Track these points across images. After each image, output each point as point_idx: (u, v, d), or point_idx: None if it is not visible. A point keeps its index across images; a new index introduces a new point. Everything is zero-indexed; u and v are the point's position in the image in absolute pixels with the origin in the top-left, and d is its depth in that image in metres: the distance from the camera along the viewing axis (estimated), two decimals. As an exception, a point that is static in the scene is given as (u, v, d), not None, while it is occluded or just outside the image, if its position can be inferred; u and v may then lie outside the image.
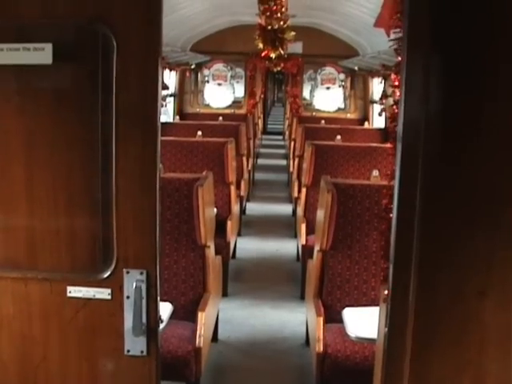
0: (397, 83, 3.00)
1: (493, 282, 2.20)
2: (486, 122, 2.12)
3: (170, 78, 12.12)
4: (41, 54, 2.43)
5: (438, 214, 2.18)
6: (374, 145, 8.18)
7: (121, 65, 2.42)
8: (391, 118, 2.98)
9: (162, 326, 2.75)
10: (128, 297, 2.55)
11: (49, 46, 2.43)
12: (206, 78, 14.76)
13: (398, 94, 2.55)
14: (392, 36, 2.86)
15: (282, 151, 18.39)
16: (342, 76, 14.45)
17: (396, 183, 2.25)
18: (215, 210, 6.09)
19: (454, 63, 2.11)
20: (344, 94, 14.54)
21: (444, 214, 2.18)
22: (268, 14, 9.40)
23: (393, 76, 3.10)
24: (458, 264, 2.20)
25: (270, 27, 10.23)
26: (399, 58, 2.58)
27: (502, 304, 2.21)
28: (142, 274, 2.53)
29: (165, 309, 3.93)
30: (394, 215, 2.27)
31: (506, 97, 2.11)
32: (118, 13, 2.39)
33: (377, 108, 12.00)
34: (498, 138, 2.12)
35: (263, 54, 11.45)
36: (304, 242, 6.98)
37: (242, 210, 9.89)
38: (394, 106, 2.92)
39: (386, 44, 3.20)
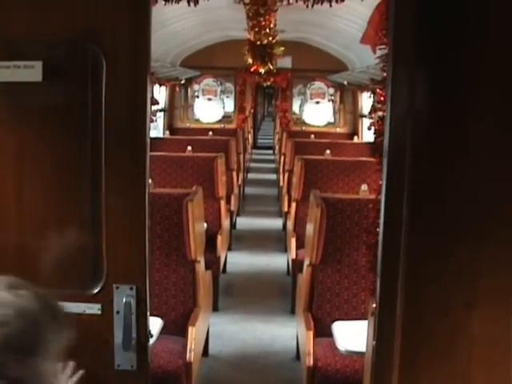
0: (382, 98, 3.03)
1: (480, 294, 2.21)
2: (470, 136, 2.15)
3: (160, 93, 12.14)
4: (31, 72, 2.45)
5: (424, 227, 2.20)
6: (364, 159, 8.20)
7: (110, 81, 2.44)
8: (377, 133, 3.00)
9: (152, 340, 2.76)
10: (118, 312, 2.56)
11: (39, 64, 2.45)
12: (196, 93, 14.79)
13: (383, 109, 2.58)
14: (378, 53, 2.89)
15: (272, 165, 18.40)
16: (331, 90, 14.49)
17: (382, 197, 2.27)
18: (205, 224, 6.10)
19: (439, 79, 2.14)
20: (333, 108, 14.58)
21: (430, 227, 2.20)
22: (257, 29, 9.43)
23: (378, 91, 3.13)
24: (445, 277, 2.21)
25: (259, 42, 10.27)
26: (385, 74, 2.61)
27: (490, 316, 2.23)
28: (131, 289, 2.54)
29: (155, 324, 3.93)
30: (380, 229, 2.29)
31: (490, 110, 2.14)
32: (107, 30, 2.42)
33: (366, 122, 12.04)
34: (483, 153, 2.15)
35: (252, 69, 11.50)
36: (294, 256, 6.99)
37: (233, 225, 9.89)
38: (380, 121, 2.94)
39: (374, 59, 3.23)
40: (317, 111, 14.59)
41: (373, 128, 3.35)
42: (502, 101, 2.13)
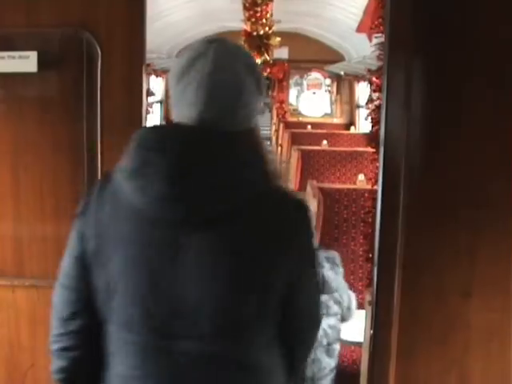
0: (378, 87, 3.02)
1: (477, 283, 2.22)
2: (465, 125, 2.15)
3: (157, 85, 12.10)
4: (26, 62, 2.44)
5: (420, 216, 2.20)
6: (360, 149, 8.18)
7: (105, 72, 2.43)
8: (374, 123, 3.00)
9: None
10: (115, 303, 2.55)
11: (34, 54, 2.44)
12: (193, 85, 14.73)
13: (380, 98, 2.58)
14: (374, 41, 2.88)
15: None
16: (327, 81, 14.45)
17: (379, 187, 2.27)
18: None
19: (435, 67, 2.13)
20: (330, 98, 14.54)
21: (426, 216, 2.20)
22: (253, 19, 9.42)
23: (374, 80, 3.12)
24: (442, 266, 2.22)
25: (255, 33, 10.25)
26: (381, 63, 2.60)
27: (486, 304, 2.23)
28: (128, 280, 2.53)
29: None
30: (377, 219, 2.29)
31: (487, 100, 2.13)
32: (102, 21, 2.41)
33: (363, 112, 12.03)
34: (478, 141, 2.15)
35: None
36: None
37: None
38: (376, 110, 2.94)
39: (371, 49, 3.22)
40: (313, 102, 14.56)
41: (369, 117, 3.34)
42: (496, 87, 2.13)
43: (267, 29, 10.07)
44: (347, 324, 3.92)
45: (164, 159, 1.63)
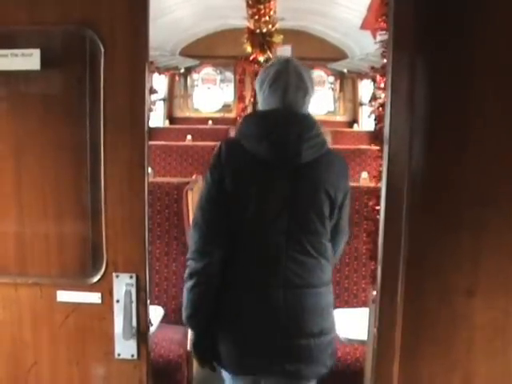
0: (383, 85, 3.02)
1: (480, 281, 2.22)
2: (471, 123, 2.14)
3: (160, 83, 12.11)
4: (29, 60, 2.44)
5: (424, 214, 2.20)
6: (364, 147, 8.19)
7: (108, 70, 2.43)
8: (378, 120, 2.99)
9: (152, 329, 2.76)
10: (118, 301, 2.56)
11: (37, 52, 2.43)
12: (196, 82, 14.73)
13: (384, 96, 2.57)
14: (378, 38, 2.88)
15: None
16: (331, 78, 14.43)
17: (383, 185, 2.26)
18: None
19: (439, 65, 2.13)
20: (333, 96, 14.53)
21: (431, 214, 2.20)
22: (256, 17, 9.41)
23: (379, 78, 3.11)
24: (446, 264, 2.21)
25: (258, 30, 10.23)
26: (385, 60, 2.59)
27: (490, 303, 2.23)
28: (131, 277, 2.53)
29: (156, 313, 3.93)
30: (381, 216, 2.28)
31: (491, 98, 2.13)
32: (105, 18, 2.40)
33: (366, 110, 12.02)
34: (483, 140, 2.14)
35: (252, 58, 11.46)
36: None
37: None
38: (380, 108, 2.93)
39: (374, 46, 3.22)
40: (317, 99, 14.55)
41: (373, 115, 3.34)
42: (501, 87, 2.12)
43: (270, 26, 10.05)
44: (350, 322, 3.92)
45: (280, 129, 3.02)
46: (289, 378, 3.14)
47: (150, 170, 2.55)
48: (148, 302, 2.58)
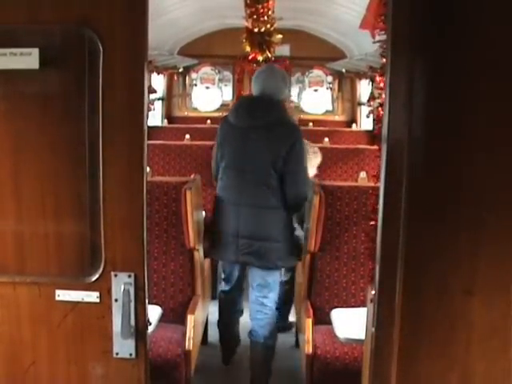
0: (382, 85, 3.02)
1: (478, 280, 2.22)
2: (469, 124, 2.14)
3: (158, 82, 12.10)
4: (28, 59, 2.44)
5: (423, 214, 2.20)
6: (362, 147, 8.20)
7: (107, 69, 2.43)
8: (377, 120, 3.00)
9: (150, 328, 2.76)
10: (116, 300, 2.56)
11: (35, 51, 2.43)
12: (194, 82, 14.70)
13: (383, 96, 2.57)
14: (377, 38, 2.88)
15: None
16: (329, 78, 14.41)
17: (381, 184, 2.27)
18: (204, 213, 6.09)
19: (438, 66, 2.13)
20: (332, 96, 14.51)
21: (429, 214, 2.20)
22: (255, 16, 9.40)
23: (378, 78, 3.12)
24: (444, 264, 2.21)
25: (256, 30, 10.23)
26: (384, 60, 2.60)
27: (488, 302, 2.23)
28: (129, 276, 2.54)
29: (154, 312, 3.93)
30: (379, 216, 2.28)
31: (490, 98, 2.13)
32: (104, 17, 2.40)
33: (364, 110, 12.02)
34: (482, 140, 2.14)
35: (250, 57, 11.45)
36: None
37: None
38: (380, 108, 2.94)
39: (373, 46, 3.22)
40: (315, 99, 14.52)
41: (371, 115, 3.34)
42: (501, 88, 2.12)
43: (269, 26, 10.05)
44: (349, 321, 3.92)
45: (247, 107, 5.06)
46: (246, 264, 5.24)
47: (148, 169, 2.55)
48: (146, 301, 2.58)
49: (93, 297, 2.58)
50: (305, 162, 5.06)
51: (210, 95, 14.63)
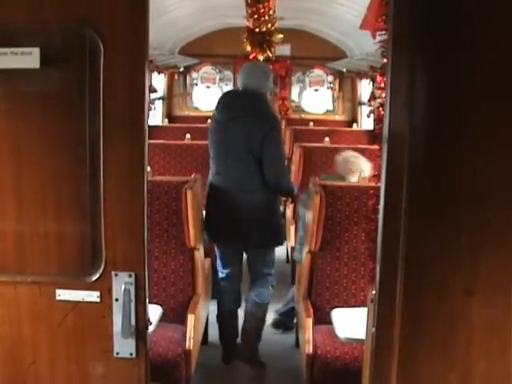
0: (382, 85, 3.02)
1: (479, 281, 2.22)
2: (470, 124, 2.14)
3: (159, 81, 12.10)
4: (28, 58, 2.44)
5: (423, 214, 2.20)
6: (363, 146, 8.18)
7: (108, 68, 2.43)
8: (378, 120, 3.00)
9: (151, 328, 2.76)
10: (117, 299, 2.56)
11: (36, 51, 2.43)
12: (195, 81, 14.71)
13: (384, 95, 2.57)
14: (378, 38, 2.88)
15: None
16: (330, 78, 14.42)
17: (382, 184, 2.26)
18: (204, 212, 6.09)
19: (439, 65, 2.13)
20: (332, 95, 14.52)
21: (430, 214, 2.20)
22: (256, 16, 9.41)
23: (378, 78, 3.12)
24: (445, 264, 2.21)
25: (257, 30, 10.24)
26: (385, 60, 2.60)
27: (489, 303, 2.23)
28: (130, 276, 2.54)
29: (154, 311, 3.93)
30: (380, 216, 2.28)
31: (490, 98, 2.13)
32: (104, 16, 2.40)
33: (365, 110, 12.02)
34: (482, 139, 2.14)
35: (251, 57, 11.46)
36: (293, 244, 6.98)
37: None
38: (380, 108, 2.93)
39: (374, 46, 3.22)
40: (316, 99, 14.52)
41: (372, 115, 3.34)
42: (502, 87, 2.12)
43: (270, 26, 10.07)
44: (349, 321, 3.92)
45: (227, 101, 5.57)
46: (236, 246, 5.71)
47: (148, 168, 2.55)
48: (147, 300, 2.58)
49: (93, 296, 2.58)
50: (280, 150, 5.53)
51: (211, 95, 14.63)
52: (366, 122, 12.24)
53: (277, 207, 5.78)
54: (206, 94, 14.64)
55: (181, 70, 13.60)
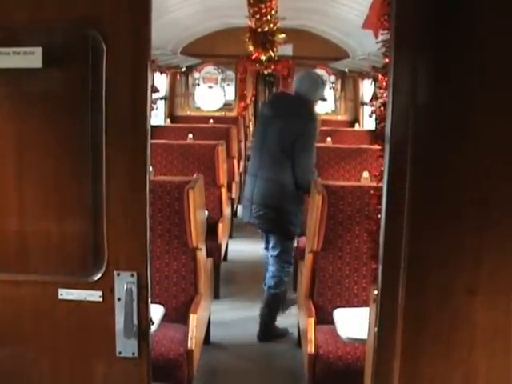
0: (384, 85, 3.02)
1: (481, 280, 2.22)
2: (473, 124, 2.14)
3: (161, 81, 12.11)
4: (31, 58, 2.44)
5: (426, 214, 2.20)
6: (365, 146, 8.18)
7: (110, 68, 2.43)
8: (380, 120, 3.00)
9: (153, 328, 2.77)
10: (119, 299, 2.56)
11: (39, 50, 2.43)
12: (197, 81, 14.72)
13: (386, 95, 2.57)
14: (380, 38, 2.88)
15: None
16: (332, 78, 14.42)
17: (384, 184, 2.26)
18: (206, 212, 6.10)
19: (441, 64, 2.13)
20: (334, 95, 14.52)
21: (432, 214, 2.20)
22: (258, 16, 9.41)
23: (380, 77, 3.11)
24: (447, 263, 2.21)
25: (260, 30, 10.24)
26: (387, 60, 2.59)
27: (491, 302, 2.23)
28: (132, 276, 2.54)
29: (156, 311, 3.94)
30: (382, 216, 2.28)
31: (493, 98, 2.13)
32: (107, 16, 2.40)
33: (367, 110, 12.02)
34: (485, 140, 2.14)
35: (253, 57, 11.47)
36: (295, 244, 6.98)
37: (234, 213, 9.88)
38: (382, 108, 2.93)
39: (376, 46, 3.22)
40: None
41: (374, 115, 3.34)
42: (504, 87, 2.12)
43: (272, 25, 10.07)
44: (351, 321, 3.92)
45: (277, 100, 6.55)
46: (256, 226, 6.34)
47: (150, 168, 2.55)
48: (149, 300, 2.58)
49: (95, 296, 2.58)
50: (310, 151, 6.00)
51: (213, 94, 14.64)
52: (368, 122, 12.23)
53: (297, 200, 6.15)
54: (208, 94, 14.64)
55: (183, 69, 13.61)
